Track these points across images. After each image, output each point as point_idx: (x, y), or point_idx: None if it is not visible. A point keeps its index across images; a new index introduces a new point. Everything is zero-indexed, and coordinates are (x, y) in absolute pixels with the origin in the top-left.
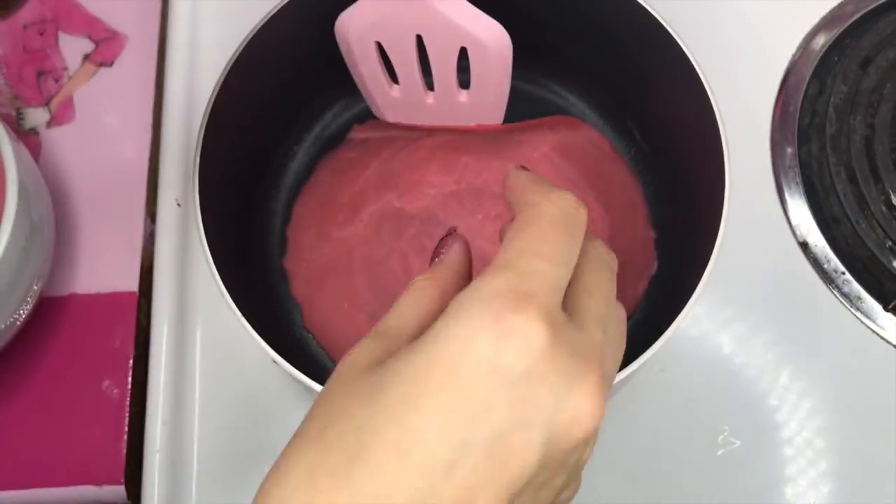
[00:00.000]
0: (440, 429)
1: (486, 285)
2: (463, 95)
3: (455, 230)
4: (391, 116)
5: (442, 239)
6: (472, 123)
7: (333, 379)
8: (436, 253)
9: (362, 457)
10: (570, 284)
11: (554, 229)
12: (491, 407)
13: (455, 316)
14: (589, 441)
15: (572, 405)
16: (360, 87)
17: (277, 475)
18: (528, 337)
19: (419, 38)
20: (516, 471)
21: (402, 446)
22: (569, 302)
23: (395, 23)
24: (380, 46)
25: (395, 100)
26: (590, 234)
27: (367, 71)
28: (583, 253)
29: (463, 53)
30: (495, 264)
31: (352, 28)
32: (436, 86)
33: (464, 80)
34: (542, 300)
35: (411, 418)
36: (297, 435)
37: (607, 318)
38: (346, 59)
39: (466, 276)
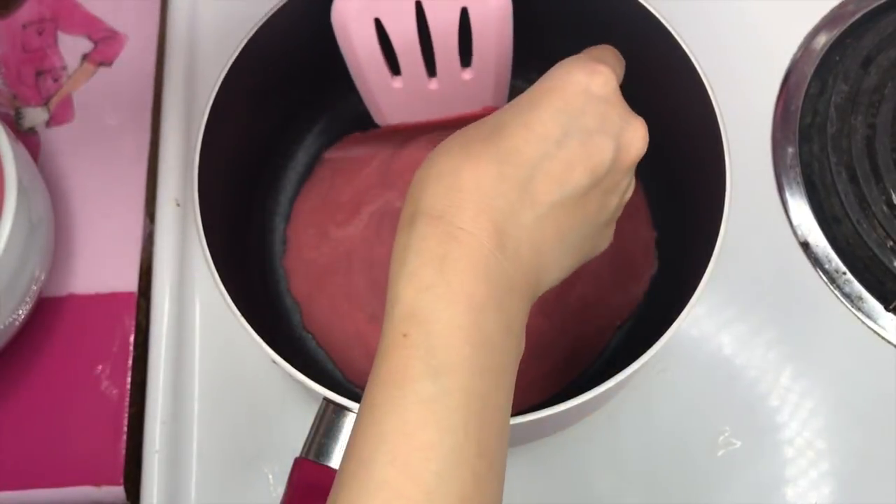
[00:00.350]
0: (552, 119)
1: (578, 56)
2: (466, 73)
3: None
4: (393, 117)
5: None
6: (476, 108)
7: None
8: None
9: (500, 131)
10: None
11: (610, 51)
12: (584, 113)
13: (560, 65)
14: (633, 167)
15: (631, 129)
16: (359, 86)
17: (435, 151)
18: (606, 77)
19: (419, 15)
20: (598, 160)
21: (527, 125)
22: None
23: None
24: (379, 37)
25: (396, 93)
26: None
27: (367, 59)
28: None
29: (463, 34)
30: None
31: (350, 6)
32: (438, 65)
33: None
34: (612, 68)
35: (533, 112)
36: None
37: None
38: (345, 52)
39: None
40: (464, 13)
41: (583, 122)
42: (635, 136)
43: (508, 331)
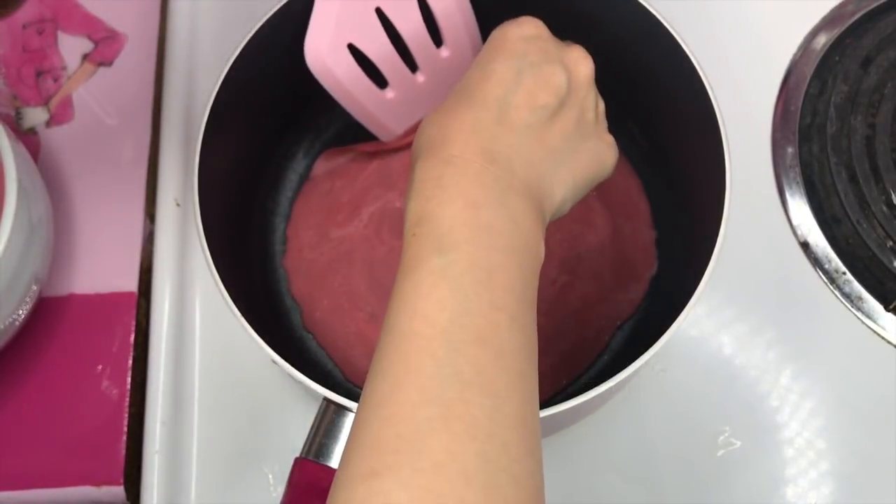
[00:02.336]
0: (504, 66)
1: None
2: (444, 51)
3: None
4: (397, 127)
5: None
6: None
7: None
8: None
9: (467, 91)
10: None
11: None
12: (528, 52)
13: (493, 32)
14: (591, 83)
15: (572, 53)
16: (356, 113)
17: (419, 127)
18: (535, 23)
19: (385, 25)
20: (555, 82)
21: (487, 77)
22: None
23: (355, 9)
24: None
25: (391, 103)
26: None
27: (354, 86)
28: None
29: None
30: None
31: (322, 43)
32: (417, 58)
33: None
34: (534, 18)
35: (488, 67)
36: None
37: None
38: (332, 89)
39: None
40: (422, 6)
41: (529, 59)
42: (578, 57)
43: (513, 221)
